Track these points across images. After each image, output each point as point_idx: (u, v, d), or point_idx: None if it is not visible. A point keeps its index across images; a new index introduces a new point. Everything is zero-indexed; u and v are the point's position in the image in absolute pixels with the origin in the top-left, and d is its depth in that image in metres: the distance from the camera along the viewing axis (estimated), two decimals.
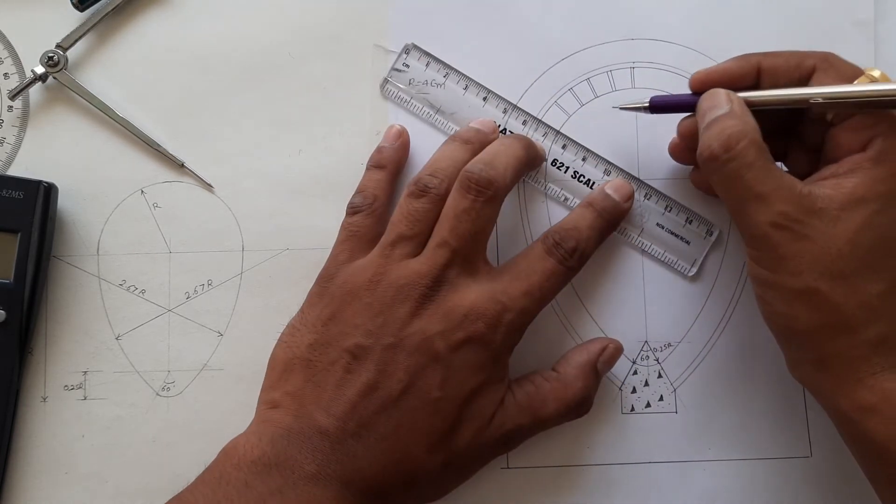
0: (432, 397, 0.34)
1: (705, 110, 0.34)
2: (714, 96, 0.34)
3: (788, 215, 0.32)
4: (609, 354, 0.38)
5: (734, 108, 0.34)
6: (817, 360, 0.33)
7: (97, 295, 0.40)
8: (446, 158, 0.37)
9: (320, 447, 0.33)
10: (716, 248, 0.40)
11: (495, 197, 0.35)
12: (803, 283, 0.32)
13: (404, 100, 0.41)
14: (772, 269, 0.33)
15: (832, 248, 0.32)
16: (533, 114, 0.41)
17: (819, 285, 0.32)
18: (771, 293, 0.33)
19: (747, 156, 0.32)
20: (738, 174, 0.33)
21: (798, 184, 0.32)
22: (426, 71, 0.41)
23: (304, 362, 0.35)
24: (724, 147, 0.33)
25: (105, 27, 0.42)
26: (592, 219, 0.38)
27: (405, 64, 0.41)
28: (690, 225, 0.40)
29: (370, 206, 0.38)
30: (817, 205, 0.32)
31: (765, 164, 0.32)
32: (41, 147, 0.41)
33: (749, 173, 0.32)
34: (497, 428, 0.35)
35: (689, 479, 0.39)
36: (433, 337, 0.34)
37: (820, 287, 0.32)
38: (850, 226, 0.31)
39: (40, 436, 0.39)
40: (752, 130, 0.33)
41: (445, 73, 0.41)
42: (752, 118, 0.33)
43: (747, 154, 0.32)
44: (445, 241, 0.35)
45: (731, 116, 0.33)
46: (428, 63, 0.41)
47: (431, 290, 0.35)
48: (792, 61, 0.34)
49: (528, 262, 0.36)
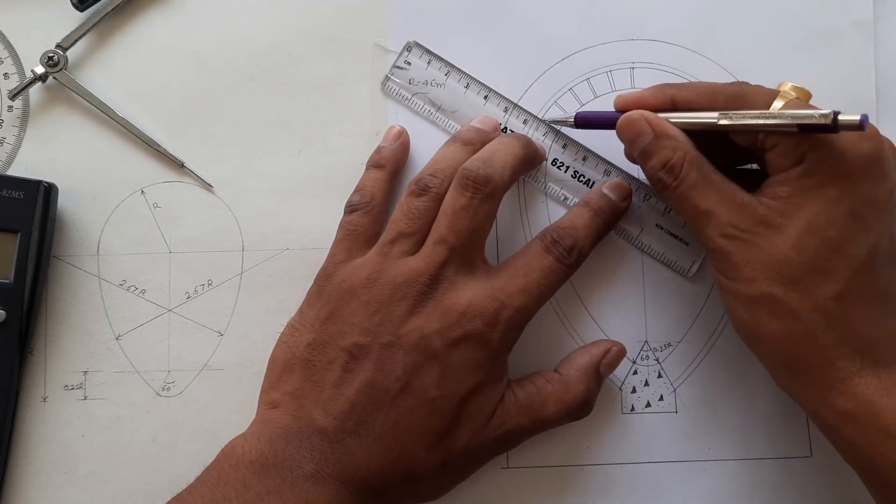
0: (430, 396, 0.34)
1: (630, 140, 0.36)
2: (632, 125, 0.35)
3: (736, 226, 0.33)
4: (612, 357, 0.38)
5: (657, 130, 0.35)
6: (787, 368, 0.34)
7: (97, 295, 0.40)
8: (447, 159, 0.37)
9: (318, 446, 0.33)
10: None
11: (493, 194, 0.35)
12: (758, 290, 0.33)
13: (405, 97, 0.41)
14: (730, 278, 0.34)
15: (779, 254, 0.32)
16: (527, 125, 0.41)
17: (773, 291, 0.32)
18: (734, 301, 0.34)
19: (689, 178, 0.34)
20: (686, 196, 0.34)
21: (739, 193, 0.33)
22: (427, 69, 0.41)
23: (302, 362, 0.35)
24: (671, 176, 0.34)
25: (105, 27, 0.42)
26: (589, 217, 0.38)
27: (406, 62, 0.41)
28: None
29: (368, 205, 0.38)
30: (759, 212, 0.33)
31: (706, 181, 0.34)
32: (41, 147, 0.41)
33: (693, 192, 0.34)
34: (496, 427, 0.35)
35: (689, 479, 0.39)
36: (431, 335, 0.34)
37: (774, 293, 0.32)
38: (792, 231, 0.32)
39: (40, 436, 0.39)
40: (688, 151, 0.34)
41: (447, 72, 0.41)
42: (680, 134, 0.34)
43: (689, 175, 0.34)
44: (443, 239, 0.35)
45: (662, 141, 0.34)
46: (430, 61, 0.41)
47: (429, 288, 0.35)
48: (704, 96, 0.35)
49: (526, 260, 0.36)
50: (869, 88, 0.41)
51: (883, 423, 0.31)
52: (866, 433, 0.31)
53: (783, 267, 0.32)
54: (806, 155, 0.32)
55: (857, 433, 0.32)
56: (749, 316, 0.34)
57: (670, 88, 0.36)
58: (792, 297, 0.32)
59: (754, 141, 0.34)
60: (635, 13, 0.41)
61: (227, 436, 0.34)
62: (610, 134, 0.37)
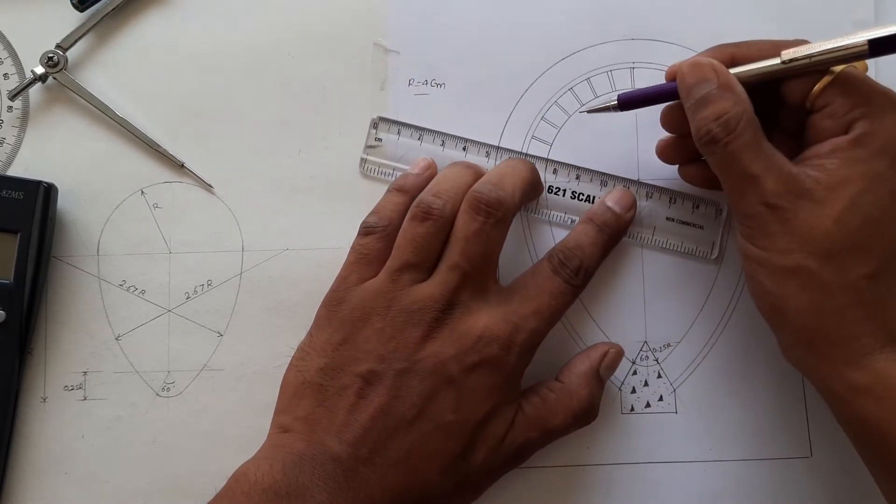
0: (446, 420, 0.34)
1: (691, 85, 0.34)
2: (698, 69, 0.34)
3: (780, 195, 0.32)
4: (610, 359, 0.38)
5: (722, 80, 0.33)
6: (808, 341, 0.33)
7: (97, 295, 0.40)
8: (449, 180, 0.37)
9: (332, 475, 0.33)
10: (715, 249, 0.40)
11: (504, 218, 0.35)
12: (793, 262, 0.32)
13: (388, 174, 0.40)
14: (763, 247, 0.33)
15: (820, 228, 0.32)
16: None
17: (808, 263, 0.32)
18: (762, 271, 0.33)
19: (744, 136, 0.33)
20: (736, 155, 0.33)
21: (787, 164, 0.33)
22: (399, 140, 0.41)
23: (314, 387, 0.35)
24: (725, 130, 0.33)
25: (105, 27, 0.42)
26: (594, 235, 0.38)
27: (377, 139, 0.41)
28: (699, 209, 0.40)
29: (384, 229, 0.37)
30: (805, 185, 0.32)
31: (759, 144, 0.33)
32: (41, 147, 0.41)
33: (746, 153, 0.33)
34: (509, 445, 0.35)
35: (689, 479, 0.39)
36: (447, 360, 0.34)
37: (809, 265, 0.32)
38: (836, 206, 0.32)
39: (40, 436, 0.39)
40: (747, 108, 0.33)
41: (419, 136, 0.41)
42: (743, 91, 0.33)
43: (745, 134, 0.33)
44: (457, 265, 0.35)
45: (724, 93, 0.33)
46: (399, 130, 0.41)
47: (444, 314, 0.35)
48: (766, 52, 0.34)
49: (536, 282, 0.36)
50: None
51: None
52: (881, 407, 0.31)
53: (823, 241, 0.32)
54: (856, 122, 0.32)
55: (871, 407, 0.31)
56: (777, 287, 0.33)
57: (729, 47, 0.35)
58: (826, 272, 0.32)
59: (806, 97, 0.33)
60: (635, 13, 0.41)
61: (227, 436, 0.34)
62: (609, 134, 0.37)
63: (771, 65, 0.34)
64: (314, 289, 0.38)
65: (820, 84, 0.33)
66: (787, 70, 0.33)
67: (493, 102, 0.41)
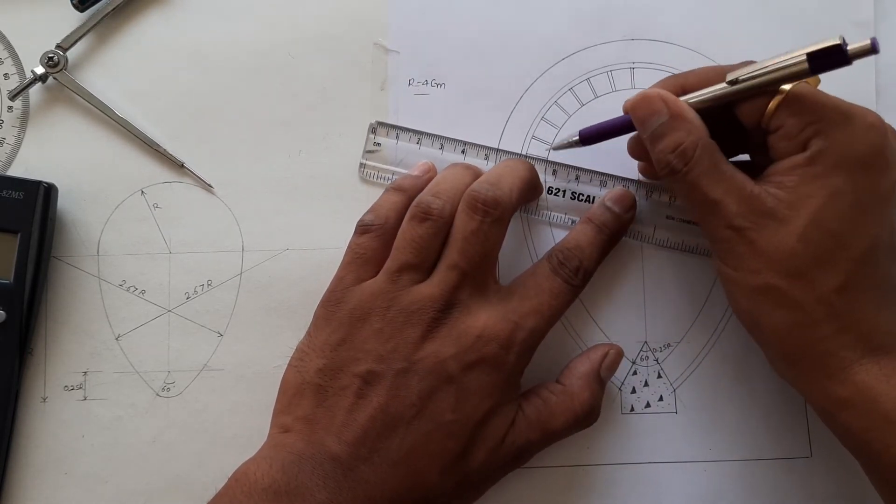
0: (446, 420, 0.34)
1: (643, 118, 0.35)
2: (647, 102, 0.34)
3: (743, 216, 0.33)
4: (610, 360, 0.38)
5: (673, 110, 0.34)
6: (786, 356, 0.33)
7: (97, 295, 0.40)
8: (448, 180, 0.37)
9: (332, 474, 0.33)
10: None
11: (502, 217, 0.35)
12: (763, 281, 0.33)
13: (387, 178, 0.40)
14: (734, 268, 0.34)
15: (785, 246, 0.32)
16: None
17: (777, 282, 0.32)
18: (736, 290, 0.34)
19: (702, 163, 0.33)
20: (696, 183, 0.33)
21: (749, 184, 0.33)
22: (398, 144, 0.41)
23: (314, 387, 0.35)
24: (682, 160, 0.33)
25: (105, 27, 0.42)
26: (593, 235, 0.38)
27: (375, 143, 0.41)
28: None
29: (380, 228, 0.37)
30: (767, 204, 0.32)
31: (717, 168, 0.33)
32: (41, 147, 0.41)
33: (705, 180, 0.33)
34: (509, 445, 0.35)
35: (689, 479, 0.39)
36: (446, 360, 0.34)
37: (779, 284, 0.32)
38: (798, 223, 0.32)
39: (40, 436, 0.39)
40: (702, 135, 0.34)
41: (418, 140, 0.41)
42: (696, 117, 0.34)
43: (702, 161, 0.33)
44: (456, 264, 0.35)
45: (677, 123, 0.34)
46: (398, 135, 0.41)
47: (443, 314, 0.35)
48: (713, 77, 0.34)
49: (535, 281, 0.37)
50: (869, 88, 0.41)
51: (882, 408, 0.31)
52: (865, 419, 0.32)
53: (789, 259, 0.32)
54: (811, 140, 0.32)
55: (855, 420, 0.32)
56: (751, 305, 0.34)
57: (677, 78, 0.36)
58: (796, 289, 0.32)
59: (760, 119, 0.33)
60: (635, 13, 0.41)
61: (228, 436, 0.34)
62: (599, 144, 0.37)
63: (719, 88, 0.34)
64: (314, 289, 0.38)
65: (773, 104, 0.33)
66: (737, 93, 0.34)
67: (494, 102, 0.41)
